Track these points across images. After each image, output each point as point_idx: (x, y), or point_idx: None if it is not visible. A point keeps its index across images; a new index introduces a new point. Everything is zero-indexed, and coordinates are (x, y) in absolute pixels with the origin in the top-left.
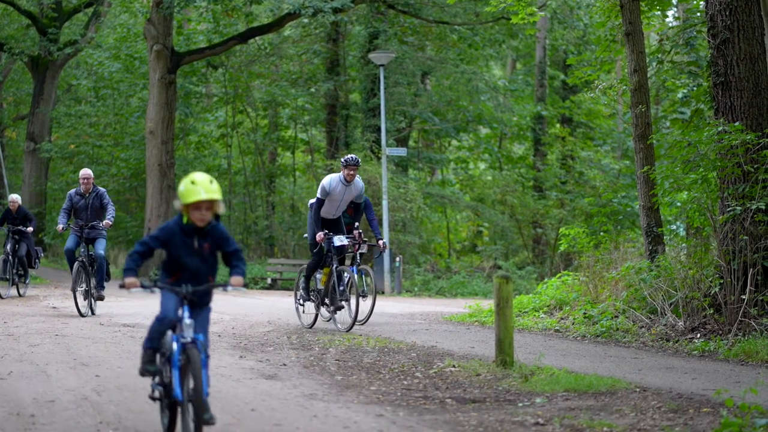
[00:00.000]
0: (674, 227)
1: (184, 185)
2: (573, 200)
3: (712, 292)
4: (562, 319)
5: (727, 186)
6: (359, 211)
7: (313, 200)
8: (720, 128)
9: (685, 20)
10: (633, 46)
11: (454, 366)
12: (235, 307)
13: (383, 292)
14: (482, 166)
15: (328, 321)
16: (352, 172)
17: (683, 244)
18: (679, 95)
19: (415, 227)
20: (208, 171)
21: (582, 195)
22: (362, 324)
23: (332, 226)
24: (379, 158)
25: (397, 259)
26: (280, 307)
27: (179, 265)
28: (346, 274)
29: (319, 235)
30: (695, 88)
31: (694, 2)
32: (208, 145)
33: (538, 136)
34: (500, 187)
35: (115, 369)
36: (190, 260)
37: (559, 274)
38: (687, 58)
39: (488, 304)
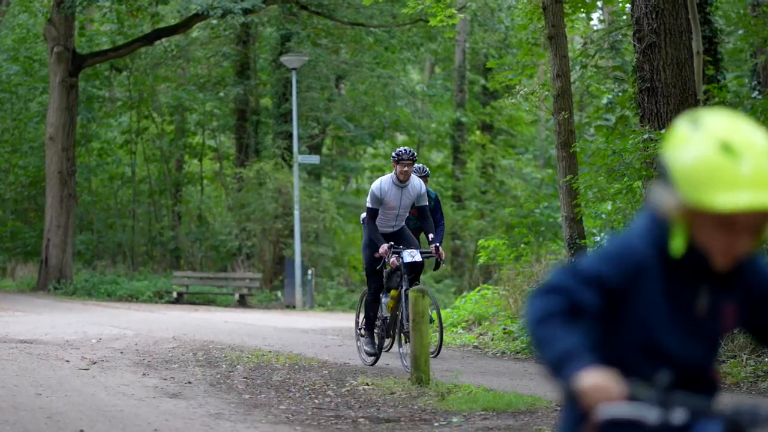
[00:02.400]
0: (598, 239)
1: (705, 154)
2: (493, 211)
3: None
4: (481, 334)
5: None
6: (425, 214)
7: (364, 214)
8: (645, 136)
9: (610, 23)
10: (556, 49)
11: (367, 384)
12: (138, 323)
13: (294, 307)
14: None
15: (387, 350)
16: (406, 169)
17: None
18: (604, 101)
19: (328, 238)
20: (111, 179)
21: (503, 205)
22: (433, 357)
23: (395, 240)
24: (290, 166)
25: (309, 272)
26: (185, 322)
27: (653, 353)
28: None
29: (383, 248)
30: (620, 94)
31: (620, 5)
32: (112, 152)
33: (457, 144)
34: None
35: (10, 387)
36: (682, 344)
37: (478, 288)
38: (612, 63)
39: None
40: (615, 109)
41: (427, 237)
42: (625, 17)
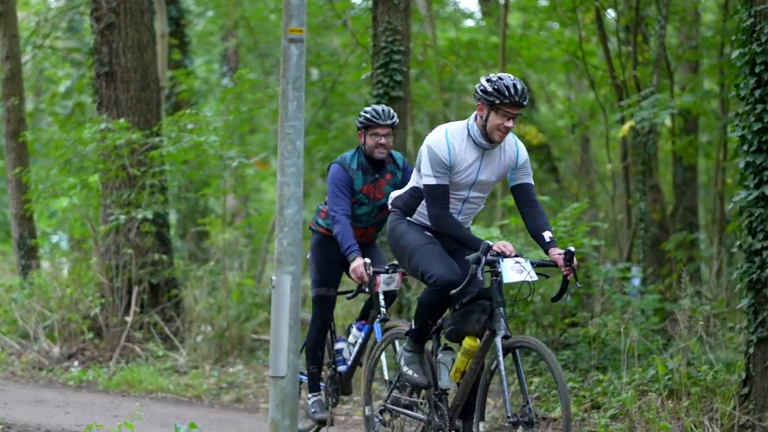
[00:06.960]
0: (56, 239)
1: None
2: None
3: (93, 313)
4: None
5: (110, 192)
6: (530, 198)
7: (398, 193)
8: (103, 125)
9: (68, 1)
10: (5, 29)
11: None
12: None
13: None
14: None
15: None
16: (510, 124)
17: (63, 258)
18: (62, 87)
19: None
20: None
21: None
22: None
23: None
24: None
25: None
26: None
27: None
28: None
29: (500, 246)
30: (79, 79)
31: None
32: None
33: None
34: None
35: None
36: None
37: None
38: (71, 44)
39: None
40: (73, 95)
41: (540, 238)
42: None
